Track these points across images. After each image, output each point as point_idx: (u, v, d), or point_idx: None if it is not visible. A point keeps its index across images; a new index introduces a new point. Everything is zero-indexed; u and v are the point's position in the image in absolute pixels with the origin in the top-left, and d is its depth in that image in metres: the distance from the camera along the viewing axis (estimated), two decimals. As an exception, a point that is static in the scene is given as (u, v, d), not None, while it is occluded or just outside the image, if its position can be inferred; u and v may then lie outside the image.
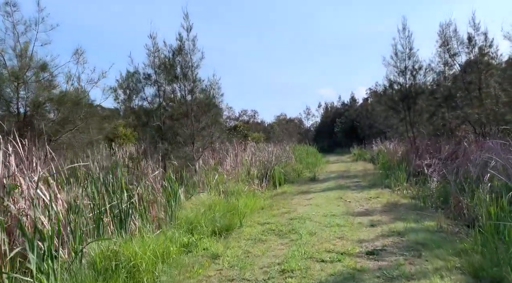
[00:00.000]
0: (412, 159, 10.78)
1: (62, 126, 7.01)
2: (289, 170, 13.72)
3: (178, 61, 9.60)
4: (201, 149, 9.19)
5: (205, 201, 6.54)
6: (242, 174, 9.48)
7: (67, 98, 7.13)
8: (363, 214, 6.59)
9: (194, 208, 6.13)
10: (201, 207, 6.20)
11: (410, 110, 14.49)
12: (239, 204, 7.05)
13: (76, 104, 7.18)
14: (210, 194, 7.39)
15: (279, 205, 7.78)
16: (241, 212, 6.33)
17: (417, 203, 7.45)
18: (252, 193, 8.64)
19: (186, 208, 6.07)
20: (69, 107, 7.02)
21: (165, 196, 5.59)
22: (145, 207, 5.39)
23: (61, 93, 7.13)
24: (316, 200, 8.24)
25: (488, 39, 12.42)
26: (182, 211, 5.88)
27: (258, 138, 22.36)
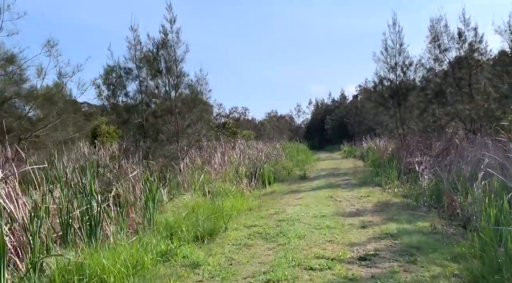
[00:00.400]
0: (402, 157, 10.58)
1: (33, 124, 6.55)
2: (279, 168, 13.42)
3: (161, 54, 9.19)
4: (186, 148, 8.80)
5: (189, 202, 6.18)
6: (230, 173, 9.13)
7: (39, 93, 6.66)
8: (354, 215, 6.32)
9: (176, 211, 5.77)
10: (183, 209, 5.84)
11: (401, 106, 14.33)
12: (225, 205, 6.71)
13: (48, 99, 6.72)
14: (194, 195, 7.03)
15: (268, 206, 7.46)
16: (227, 214, 5.99)
17: (409, 202, 7.22)
18: (240, 193, 8.30)
19: (167, 211, 5.70)
20: (40, 103, 6.55)
21: (145, 198, 5.21)
22: (122, 211, 5.01)
23: (32, 88, 6.68)
24: (305, 200, 7.94)
25: (478, 34, 12.30)
26: (163, 215, 5.51)
27: (248, 136, 22.02)
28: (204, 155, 11.53)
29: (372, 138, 22.25)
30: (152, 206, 4.99)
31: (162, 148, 8.41)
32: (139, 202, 5.17)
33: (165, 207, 6.14)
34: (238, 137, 16.69)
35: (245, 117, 45.39)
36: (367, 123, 29.17)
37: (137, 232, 4.79)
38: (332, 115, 41.12)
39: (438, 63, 13.22)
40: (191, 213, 5.75)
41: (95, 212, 4.07)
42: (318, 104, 49.75)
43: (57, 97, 7.01)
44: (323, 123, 41.66)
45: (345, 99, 45.19)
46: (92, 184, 4.09)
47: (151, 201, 4.99)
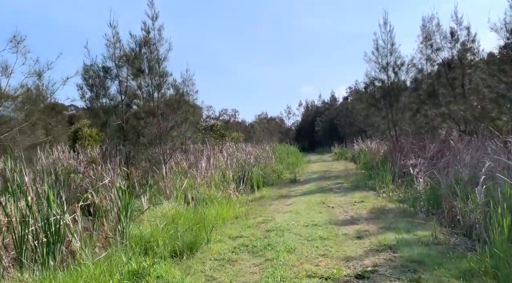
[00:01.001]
0: (396, 159, 10.21)
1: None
2: (268, 172, 12.96)
3: (143, 53, 8.65)
4: (169, 151, 8.26)
5: (168, 211, 5.65)
6: (216, 178, 8.62)
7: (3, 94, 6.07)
8: (348, 223, 5.87)
9: (154, 221, 5.24)
10: (162, 219, 5.31)
11: (392, 107, 14.00)
12: (209, 214, 6.20)
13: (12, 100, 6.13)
14: (176, 203, 6.50)
15: (256, 213, 6.98)
16: (210, 224, 5.48)
17: (406, 208, 6.81)
18: (226, 199, 7.80)
19: (144, 221, 5.17)
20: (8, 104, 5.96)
21: (117, 209, 4.67)
22: (93, 223, 4.48)
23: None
24: (296, 206, 7.48)
25: (471, 33, 12.07)
26: (139, 226, 4.98)
27: (237, 138, 21.51)
28: (190, 158, 11.01)
29: (364, 139, 21.98)
30: (124, 217, 4.45)
31: (143, 151, 7.86)
32: (111, 213, 4.63)
33: (142, 217, 5.61)
34: (227, 139, 16.18)
35: (235, 120, 44.97)
36: (357, 124, 28.94)
37: (107, 248, 4.25)
38: (323, 117, 40.86)
39: (430, 63, 12.97)
40: (170, 223, 5.24)
41: (57, 227, 3.52)
42: (308, 106, 49.50)
43: (23, 97, 6.42)
44: (313, 125, 41.39)
45: (336, 101, 45.03)
46: (51, 194, 3.55)
47: (123, 212, 4.46)
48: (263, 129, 35.68)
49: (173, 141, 8.74)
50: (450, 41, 12.29)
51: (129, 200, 4.53)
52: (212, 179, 8.25)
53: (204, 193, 7.37)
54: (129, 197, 4.54)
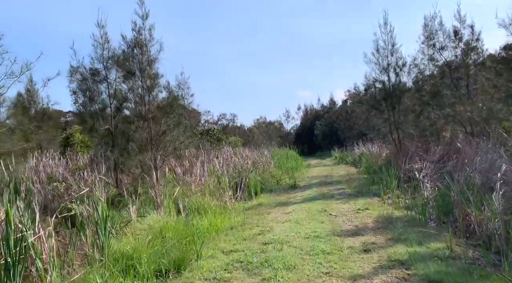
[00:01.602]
0: (401, 163, 9.74)
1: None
2: (267, 177, 12.48)
3: (134, 54, 8.21)
4: (159, 157, 7.78)
5: (156, 223, 5.16)
6: (211, 185, 8.13)
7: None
8: (353, 234, 5.38)
9: (139, 235, 4.75)
10: (149, 232, 4.82)
11: (394, 109, 13.55)
12: (201, 224, 5.72)
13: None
14: (166, 213, 6.01)
15: (253, 223, 6.48)
16: (202, 237, 5.00)
17: (414, 216, 6.33)
18: (222, 208, 7.32)
19: (128, 235, 4.68)
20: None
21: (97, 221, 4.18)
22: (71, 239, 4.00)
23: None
24: (296, 215, 6.99)
25: (475, 32, 11.66)
26: (122, 241, 4.49)
27: (235, 142, 21.04)
28: (185, 164, 10.54)
29: (364, 143, 21.52)
30: (103, 232, 3.96)
31: (133, 158, 7.37)
32: (89, 227, 4.13)
33: (126, 230, 5.11)
34: (224, 144, 15.70)
35: (233, 124, 44.55)
36: (358, 127, 28.55)
37: (86, 266, 3.76)
38: (322, 121, 40.45)
39: (433, 63, 12.55)
40: (158, 237, 4.75)
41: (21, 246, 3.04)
42: (307, 109, 49.12)
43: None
44: (312, 129, 40.95)
45: (335, 104, 44.70)
46: (10, 210, 3.06)
47: (101, 225, 3.97)
48: (262, 133, 35.23)
49: (166, 147, 8.26)
50: (453, 40, 11.89)
51: (107, 212, 4.04)
52: (207, 187, 7.76)
53: (197, 201, 6.87)
54: (107, 209, 4.05)
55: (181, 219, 5.85)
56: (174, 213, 6.17)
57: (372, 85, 14.29)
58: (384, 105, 13.64)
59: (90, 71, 7.59)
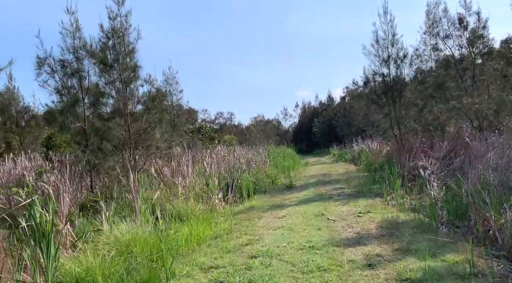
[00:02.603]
0: (404, 160, 9.01)
1: None
2: (261, 177, 11.74)
3: (110, 43, 7.46)
4: (139, 157, 7.04)
5: (125, 235, 4.41)
6: (196, 187, 7.39)
7: None
8: (354, 243, 4.65)
9: (101, 250, 4.01)
10: (113, 247, 4.08)
11: (395, 103, 12.81)
12: (181, 234, 4.99)
13: None
14: (143, 221, 5.26)
15: (241, 230, 5.74)
16: (179, 250, 4.27)
17: (423, 220, 5.60)
18: (208, 213, 6.58)
19: (87, 252, 3.93)
20: None
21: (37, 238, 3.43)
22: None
23: None
24: (290, 219, 6.25)
25: (481, 19, 10.93)
26: (79, 259, 3.74)
27: (230, 141, 20.30)
28: (174, 165, 9.78)
29: (363, 140, 20.83)
30: (46, 251, 3.22)
31: (108, 158, 6.62)
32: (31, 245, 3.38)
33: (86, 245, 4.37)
34: (217, 142, 14.94)
35: (231, 123, 43.83)
36: (356, 124, 27.94)
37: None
38: (320, 118, 39.78)
39: (436, 53, 11.83)
40: (124, 252, 4.00)
41: None
42: (305, 107, 48.43)
43: None
44: (311, 126, 40.29)
45: (333, 101, 44.02)
46: None
47: (44, 243, 3.22)
48: (259, 131, 34.51)
49: (148, 146, 7.52)
50: (458, 28, 11.16)
51: (51, 226, 3.29)
52: (191, 189, 7.01)
53: (179, 206, 6.13)
54: (51, 224, 3.30)
55: (158, 229, 5.10)
56: (151, 220, 5.42)
57: (372, 79, 13.56)
58: (385, 99, 12.91)
59: (60, 62, 6.82)
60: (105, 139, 6.62)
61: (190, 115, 34.58)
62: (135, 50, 7.29)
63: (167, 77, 11.20)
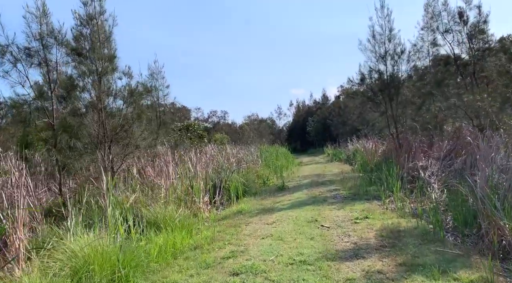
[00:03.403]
0: (403, 161, 8.47)
1: None
2: (252, 178, 11.12)
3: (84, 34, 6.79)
4: (111, 157, 6.38)
5: (83, 249, 3.76)
6: (178, 190, 6.75)
7: None
8: (351, 256, 4.07)
9: (52, 268, 3.37)
10: (67, 264, 3.44)
11: (392, 101, 12.28)
12: (154, 244, 4.36)
13: None
14: (111, 231, 4.62)
15: (225, 239, 5.13)
16: (145, 267, 3.64)
17: (426, 228, 5.04)
18: (190, 218, 5.95)
19: (35, 270, 3.29)
20: None
21: None
22: None
23: None
24: (280, 226, 5.65)
25: (482, 13, 10.43)
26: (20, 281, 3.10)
27: (221, 140, 19.67)
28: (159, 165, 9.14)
29: (358, 139, 20.36)
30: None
31: (78, 158, 5.96)
32: None
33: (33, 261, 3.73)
34: (206, 141, 14.30)
35: (224, 121, 43.18)
36: (351, 123, 27.52)
37: None
38: (314, 117, 39.31)
39: (435, 49, 11.31)
40: (80, 270, 3.37)
41: None
42: (299, 106, 47.94)
43: None
44: (305, 126, 39.81)
45: (327, 100, 43.61)
46: None
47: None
48: (253, 130, 33.93)
49: (125, 144, 6.88)
50: (458, 23, 10.66)
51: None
52: (171, 192, 6.37)
53: (157, 212, 5.49)
54: None
55: (131, 239, 4.47)
56: (122, 229, 4.78)
57: (368, 75, 13.01)
58: (381, 97, 12.37)
59: (25, 51, 6.13)
60: (75, 136, 5.96)
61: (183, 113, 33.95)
62: (111, 39, 6.63)
63: (153, 71, 10.53)
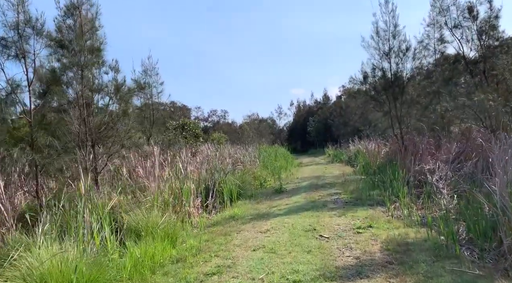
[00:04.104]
0: (409, 163, 7.93)
1: None
2: (249, 179, 10.61)
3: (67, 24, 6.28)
4: (92, 156, 5.86)
5: (42, 265, 3.25)
6: (165, 193, 6.23)
7: None
8: (353, 275, 3.53)
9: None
10: None
11: (397, 101, 11.73)
12: (131, 257, 3.83)
13: None
14: (80, 241, 4.11)
15: (212, 250, 4.61)
16: None
17: (438, 240, 4.50)
18: (176, 225, 5.43)
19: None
20: None
21: None
22: None
23: None
24: (274, 236, 5.12)
25: (493, 8, 9.87)
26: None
27: (219, 139, 19.16)
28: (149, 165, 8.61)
29: (361, 139, 19.82)
30: None
31: (57, 158, 5.44)
32: None
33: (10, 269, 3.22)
34: (202, 140, 13.78)
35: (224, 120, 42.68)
36: (352, 124, 26.99)
37: None
38: (315, 117, 38.76)
39: (443, 45, 10.76)
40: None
41: None
42: (300, 105, 47.36)
43: None
44: (306, 126, 39.27)
45: (328, 100, 43.05)
46: None
47: None
48: (252, 130, 33.43)
49: (112, 143, 6.36)
50: (467, 18, 10.11)
51: None
52: (157, 196, 5.84)
53: (139, 218, 4.97)
54: None
55: (105, 250, 3.95)
56: (98, 238, 4.27)
57: (371, 74, 12.47)
58: (385, 96, 11.84)
59: (0, 41, 5.62)
60: (52, 134, 5.44)
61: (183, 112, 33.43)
62: (96, 29, 6.11)
63: (146, 68, 10.02)
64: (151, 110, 10.15)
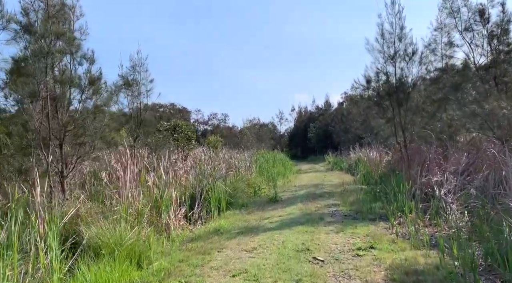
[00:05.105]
0: (415, 175, 7.21)
1: None
2: (242, 186, 9.87)
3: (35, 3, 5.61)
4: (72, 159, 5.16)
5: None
6: (139, 203, 5.50)
7: None
8: (352, 316, 2.81)
9: None
10: None
11: (401, 107, 11.01)
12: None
13: None
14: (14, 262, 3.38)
15: (184, 274, 3.87)
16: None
17: (450, 265, 3.77)
18: (147, 240, 4.70)
19: None
20: None
21: None
22: None
23: None
24: (260, 257, 4.38)
25: (506, 11, 9.23)
26: None
27: (215, 143, 18.46)
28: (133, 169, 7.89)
29: (362, 147, 19.14)
30: None
31: (10, 159, 4.74)
32: None
33: None
34: (194, 143, 13.07)
35: (224, 124, 42.03)
36: (354, 131, 26.32)
37: None
38: (316, 123, 38.09)
39: (452, 50, 10.09)
40: None
41: None
42: (301, 111, 46.70)
43: None
44: (306, 132, 38.57)
45: (330, 106, 42.41)
46: None
47: None
48: (252, 134, 32.75)
49: (80, 143, 5.66)
50: (478, 21, 9.45)
51: None
52: (126, 207, 5.11)
53: (100, 233, 4.24)
54: None
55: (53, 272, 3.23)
56: (43, 259, 3.54)
57: (375, 78, 11.77)
58: (388, 102, 11.14)
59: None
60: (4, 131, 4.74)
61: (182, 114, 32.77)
62: (65, 12, 5.43)
63: (135, 63, 9.28)
64: (139, 109, 9.40)
